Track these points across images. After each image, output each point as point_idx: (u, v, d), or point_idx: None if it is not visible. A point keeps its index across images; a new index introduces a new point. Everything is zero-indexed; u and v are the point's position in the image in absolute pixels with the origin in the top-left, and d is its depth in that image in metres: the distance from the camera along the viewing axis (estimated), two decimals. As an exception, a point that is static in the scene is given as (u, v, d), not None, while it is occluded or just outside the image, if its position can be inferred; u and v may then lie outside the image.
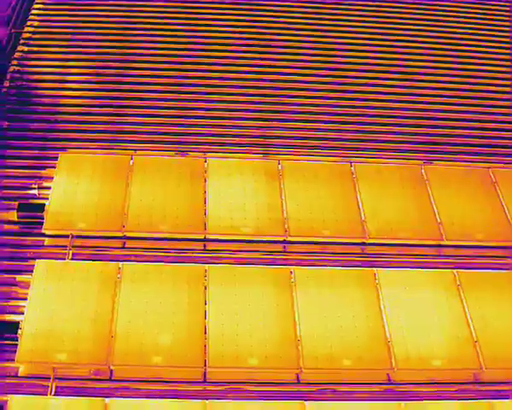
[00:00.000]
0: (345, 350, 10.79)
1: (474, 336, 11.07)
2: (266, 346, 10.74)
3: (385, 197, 12.76)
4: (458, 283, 11.67)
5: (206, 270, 11.50)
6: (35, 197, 12.40)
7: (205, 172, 12.82)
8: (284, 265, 11.84)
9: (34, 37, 15.16)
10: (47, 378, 10.32)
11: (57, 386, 10.29)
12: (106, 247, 11.84)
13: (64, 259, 11.56)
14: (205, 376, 10.60)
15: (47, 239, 11.86)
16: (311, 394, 10.51)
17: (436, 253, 12.28)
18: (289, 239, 12.11)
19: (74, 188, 12.38)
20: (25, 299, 11.02)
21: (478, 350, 10.93)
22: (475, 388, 10.82)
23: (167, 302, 11.09)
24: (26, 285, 11.20)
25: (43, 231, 11.82)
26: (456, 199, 12.85)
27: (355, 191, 12.79)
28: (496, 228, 12.49)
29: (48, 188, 12.43)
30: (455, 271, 11.83)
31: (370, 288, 11.56)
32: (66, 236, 11.79)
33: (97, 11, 15.70)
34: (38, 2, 15.85)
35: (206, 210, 12.23)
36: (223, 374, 10.60)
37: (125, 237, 11.94)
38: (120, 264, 11.47)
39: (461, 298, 11.50)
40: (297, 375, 10.69)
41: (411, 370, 10.81)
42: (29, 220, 12.02)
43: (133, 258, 11.71)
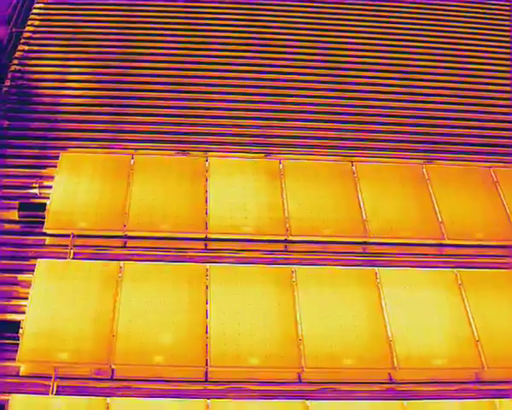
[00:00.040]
0: (346, 349, 10.77)
1: (476, 335, 11.05)
2: (268, 345, 10.72)
3: (386, 196, 12.75)
4: (459, 282, 11.65)
5: (207, 269, 11.49)
6: (36, 197, 12.40)
7: (206, 171, 12.81)
8: (285, 264, 11.83)
9: (35, 36, 15.18)
10: (48, 378, 10.30)
11: (59, 385, 10.28)
12: (107, 246, 11.84)
13: (65, 258, 11.56)
14: (206, 375, 10.59)
15: (48, 238, 11.86)
16: (313, 393, 10.49)
17: (437, 252, 12.29)
18: (290, 238, 12.11)
19: (75, 187, 12.38)
20: (26, 298, 11.01)
21: (479, 349, 10.91)
22: (477, 387, 10.81)
23: (168, 302, 11.07)
24: (28, 285, 11.19)
25: (44, 231, 11.82)
26: (457, 198, 12.85)
27: (356, 191, 12.78)
28: (497, 227, 12.50)
29: (49, 187, 12.44)
30: (456, 270, 11.82)
31: (372, 287, 11.54)
32: (67, 235, 11.80)
33: (98, 11, 15.72)
34: (39, 1, 15.88)
35: (207, 209, 12.23)
36: (224, 373, 10.59)
37: (126, 237, 11.95)
38: (121, 263, 11.45)
39: (462, 297, 11.48)
40: (298, 374, 10.67)
41: (413, 369, 10.79)
42: (30, 220, 12.03)
43: (134, 257, 11.71)
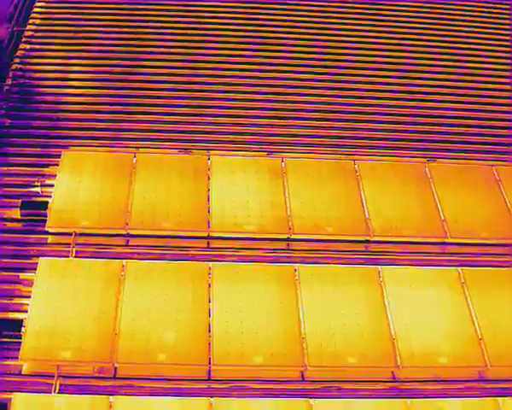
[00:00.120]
0: (349, 348, 10.74)
1: (479, 333, 11.02)
2: (271, 344, 10.69)
3: (388, 195, 12.72)
4: (463, 280, 11.63)
5: (210, 267, 11.46)
6: (38, 195, 12.37)
7: (208, 169, 12.78)
8: (288, 263, 11.80)
9: (36, 35, 15.17)
10: (51, 376, 10.27)
11: (61, 384, 10.25)
12: (109, 245, 11.81)
13: (67, 256, 11.52)
14: (209, 374, 10.56)
15: (50, 237, 11.83)
16: (316, 391, 10.46)
17: (440, 250, 12.27)
18: (293, 237, 12.08)
19: (77, 185, 12.35)
20: (28, 297, 10.98)
21: (483, 348, 10.89)
22: (480, 385, 10.78)
23: (171, 300, 11.04)
24: (30, 283, 11.15)
25: (46, 229, 11.79)
26: (459, 197, 12.82)
27: (358, 189, 12.75)
28: (500, 226, 12.48)
29: (51, 186, 12.40)
30: (459, 268, 11.80)
31: (375, 285, 11.51)
32: (69, 233, 11.76)
33: (99, 9, 15.69)
34: (40, 0, 15.82)
35: (209, 208, 12.20)
36: (227, 372, 10.55)
37: (129, 235, 11.91)
38: (124, 262, 11.42)
39: (465, 296, 11.45)
40: (302, 373, 10.64)
41: (416, 367, 10.76)
42: (32, 218, 12.00)
43: (137, 256, 11.67)
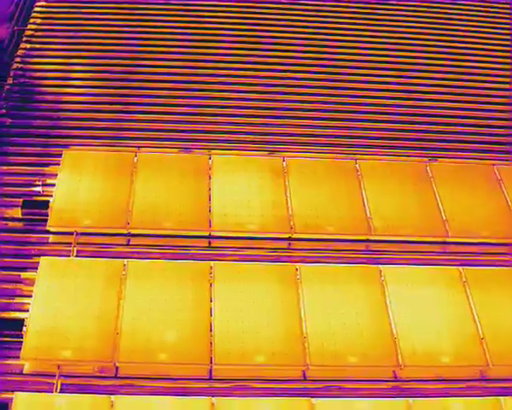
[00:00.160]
0: (351, 347, 10.72)
1: (481, 332, 11.01)
2: (272, 343, 10.67)
3: (389, 194, 12.71)
4: (464, 279, 11.61)
5: (211, 267, 11.44)
6: (39, 194, 12.35)
7: (209, 169, 12.77)
8: (289, 262, 11.78)
9: (37, 34, 15.16)
10: (52, 376, 10.25)
11: (62, 383, 10.22)
12: (110, 244, 11.79)
13: (68, 256, 11.51)
14: (211, 373, 10.54)
15: (51, 236, 11.81)
16: (318, 391, 10.45)
17: (441, 250, 12.26)
18: (294, 236, 12.08)
19: (78, 185, 12.33)
20: (29, 296, 10.95)
21: (484, 347, 10.88)
22: (482, 385, 10.77)
23: (172, 299, 11.02)
24: (31, 282, 11.12)
25: (47, 228, 11.77)
26: (460, 196, 12.81)
27: (360, 188, 12.74)
28: (501, 225, 12.47)
29: (52, 185, 12.37)
30: (460, 268, 11.78)
31: (376, 285, 11.50)
32: (70, 233, 11.75)
33: (100, 8, 15.69)
34: (41, -1, 15.87)
35: (210, 207, 12.19)
36: (229, 371, 10.53)
37: (130, 234, 11.90)
38: (125, 261, 11.40)
39: (467, 295, 11.44)
40: (303, 372, 10.63)
41: (417, 367, 10.75)
42: (33, 217, 11.98)
43: (138, 255, 11.65)
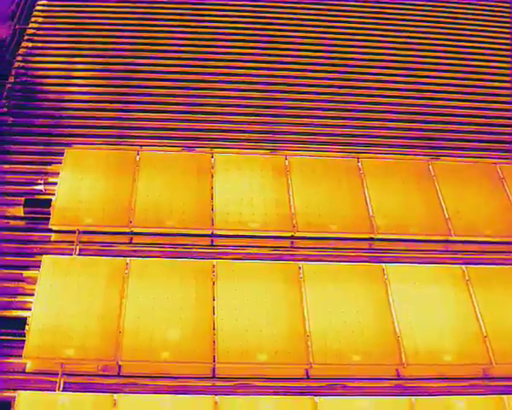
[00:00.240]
0: (354, 346, 10.71)
1: (484, 331, 11.00)
2: (275, 341, 10.65)
3: (392, 193, 12.71)
4: (467, 278, 11.60)
5: (213, 265, 11.43)
6: (41, 193, 12.33)
7: (212, 167, 12.76)
8: (292, 260, 11.77)
9: (39, 33, 15.18)
10: (55, 374, 10.23)
11: (65, 382, 10.19)
12: (113, 242, 11.77)
13: (71, 254, 11.49)
14: (214, 371, 10.52)
15: (54, 235, 11.80)
16: (321, 389, 10.42)
17: (444, 248, 12.24)
18: (297, 235, 12.06)
19: (81, 183, 12.33)
20: (32, 295, 10.94)
21: (487, 345, 10.86)
22: (485, 383, 10.74)
23: (175, 298, 11.00)
24: (33, 281, 11.11)
25: (49, 227, 11.76)
26: (463, 195, 12.82)
27: (362, 187, 12.74)
28: (504, 223, 12.47)
29: (54, 183, 12.38)
30: (463, 266, 11.77)
31: (379, 283, 11.48)
32: (72, 231, 11.74)
33: (101, 7, 15.69)
34: (42, -3, 15.87)
35: (213, 205, 12.18)
36: (232, 370, 10.51)
37: (132, 233, 11.88)
38: (128, 259, 11.38)
39: (470, 293, 11.43)
40: (306, 370, 10.61)
41: (420, 365, 10.73)
42: (35, 216, 11.95)
43: (140, 253, 11.63)
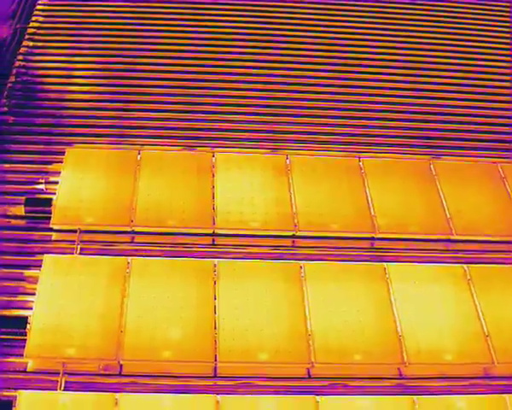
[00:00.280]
0: (356, 345, 10.70)
1: (485, 330, 10.99)
2: (277, 340, 10.64)
3: (393, 192, 12.70)
4: (468, 277, 11.60)
5: (215, 264, 11.42)
6: (42, 192, 12.31)
7: (213, 166, 12.75)
8: (293, 259, 11.76)
9: (39, 32, 15.17)
10: (56, 373, 10.20)
11: (66, 381, 10.17)
12: (114, 242, 11.75)
13: (72, 254, 11.47)
14: (215, 371, 10.51)
15: (55, 234, 11.78)
16: (323, 388, 10.41)
17: (445, 247, 12.23)
18: (298, 234, 12.05)
19: (81, 183, 12.31)
20: (33, 294, 10.92)
21: (489, 344, 10.85)
22: (487, 382, 10.73)
23: (176, 297, 10.99)
24: (34, 280, 11.10)
25: (50, 226, 11.74)
26: (464, 194, 12.82)
27: (363, 186, 12.73)
28: (505, 223, 12.46)
29: (55, 183, 12.35)
30: (465, 266, 11.76)
31: (380, 282, 11.47)
32: (73, 230, 11.72)
33: (103, 6, 15.68)
34: (43, -4, 15.85)
35: (214, 205, 12.16)
36: (233, 369, 10.50)
37: (134, 232, 11.86)
38: (129, 259, 11.36)
39: (471, 292, 11.42)
40: (308, 370, 10.59)
41: (422, 364, 10.72)
42: (36, 215, 11.94)
43: (141, 253, 11.61)
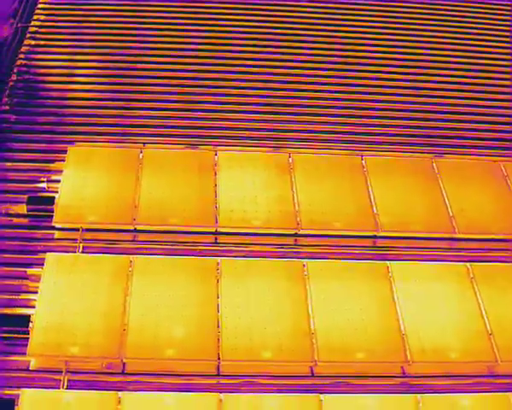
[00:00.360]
0: (359, 343, 10.68)
1: (489, 328, 10.98)
2: (280, 339, 10.62)
3: (396, 190, 12.69)
4: (472, 275, 11.58)
5: (218, 263, 11.40)
6: (44, 191, 12.29)
7: (215, 165, 12.73)
8: (295, 258, 11.74)
9: (41, 30, 15.13)
10: (59, 372, 10.20)
11: (69, 380, 10.16)
12: (116, 240, 11.73)
13: (74, 252, 11.46)
14: (218, 369, 10.50)
15: (57, 232, 11.76)
16: (326, 387, 10.40)
17: (449, 246, 12.21)
18: (301, 232, 12.03)
19: (84, 181, 12.29)
20: (35, 292, 10.90)
21: (493, 343, 10.84)
22: (490, 380, 10.72)
23: (179, 295, 10.97)
24: (37, 279, 11.07)
25: (53, 225, 11.72)
26: (467, 192, 12.80)
27: (366, 184, 12.71)
28: (508, 221, 12.43)
29: (57, 181, 12.32)
30: (468, 264, 11.74)
31: (383, 281, 11.46)
32: (76, 229, 11.70)
33: (104, 5, 15.66)
34: (44, -5, 15.83)
35: (216, 203, 12.15)
36: (236, 367, 10.48)
37: (136, 230, 11.84)
38: (131, 257, 11.35)
39: (474, 291, 11.41)
40: (311, 368, 10.58)
41: (426, 363, 10.71)
42: (39, 214, 11.92)
43: (144, 251, 11.59)
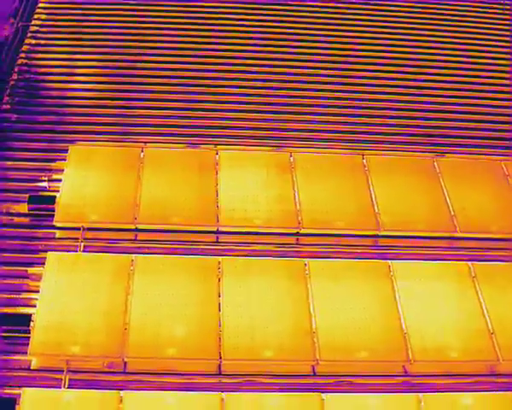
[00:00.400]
0: (361, 342, 10.67)
1: (490, 327, 10.97)
2: (281, 338, 10.62)
3: (398, 189, 12.69)
4: (473, 274, 11.58)
5: (219, 262, 11.39)
6: (45, 190, 12.28)
7: (216, 164, 12.73)
8: (297, 257, 11.74)
9: (42, 30, 15.14)
10: (60, 371, 10.19)
11: (70, 379, 10.15)
12: (118, 239, 11.72)
13: (75, 251, 11.44)
14: (220, 368, 10.49)
15: (58, 231, 11.75)
16: (328, 386, 10.38)
17: (450, 245, 12.20)
18: (302, 231, 12.02)
19: (85, 180, 12.29)
20: (36, 291, 10.89)
21: (494, 342, 10.83)
22: (492, 379, 10.71)
23: (180, 294, 10.96)
24: (38, 278, 11.07)
25: (54, 224, 11.71)
26: (468, 191, 12.80)
27: (367, 184, 12.71)
28: (509, 220, 12.43)
29: (58, 180, 12.32)
30: (469, 263, 11.74)
31: (385, 280, 11.45)
32: (77, 228, 11.70)
33: (104, 4, 15.65)
34: (45, -6, 15.82)
35: (217, 202, 12.14)
36: (238, 366, 10.47)
37: (137, 230, 11.84)
38: (133, 256, 11.34)
39: (476, 290, 11.41)
40: (313, 367, 10.56)
41: (427, 362, 10.71)
42: (40, 213, 11.90)
43: (145, 250, 11.59)
